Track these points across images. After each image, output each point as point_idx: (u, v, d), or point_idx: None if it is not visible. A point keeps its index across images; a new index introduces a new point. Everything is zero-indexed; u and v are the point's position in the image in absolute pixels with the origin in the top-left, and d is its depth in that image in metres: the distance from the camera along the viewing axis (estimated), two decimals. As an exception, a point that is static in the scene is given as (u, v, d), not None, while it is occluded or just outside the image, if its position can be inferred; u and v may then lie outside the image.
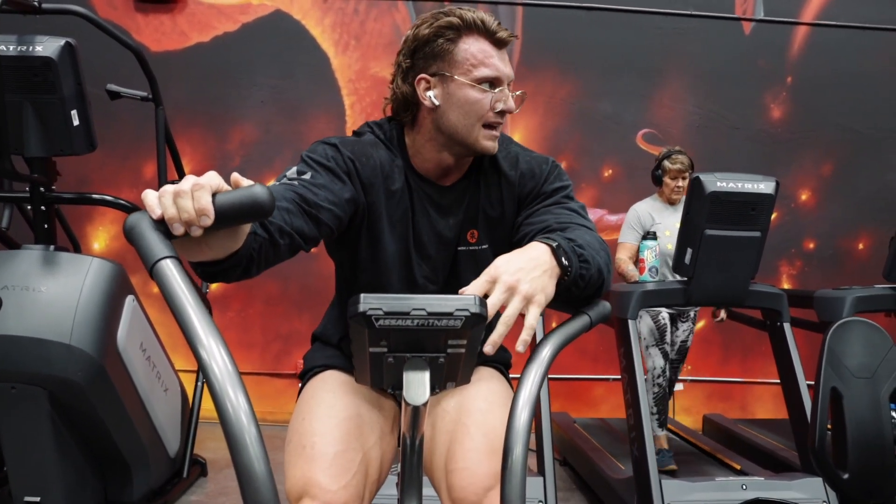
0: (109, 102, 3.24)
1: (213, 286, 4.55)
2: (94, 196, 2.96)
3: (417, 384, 0.94)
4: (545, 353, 1.10)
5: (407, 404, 0.95)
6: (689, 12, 5.04)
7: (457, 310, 0.89)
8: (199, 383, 3.76)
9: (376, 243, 1.55)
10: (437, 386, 0.99)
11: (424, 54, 1.53)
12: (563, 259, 1.25)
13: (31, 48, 2.57)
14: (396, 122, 1.62)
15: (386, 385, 0.98)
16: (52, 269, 2.68)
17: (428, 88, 1.54)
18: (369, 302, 0.89)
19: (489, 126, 1.53)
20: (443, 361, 0.94)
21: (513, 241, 1.59)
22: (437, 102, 1.53)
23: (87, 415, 2.73)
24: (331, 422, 1.50)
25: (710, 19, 5.07)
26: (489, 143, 1.54)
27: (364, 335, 0.91)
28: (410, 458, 1.04)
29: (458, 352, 0.93)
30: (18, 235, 3.18)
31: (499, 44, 1.52)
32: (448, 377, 0.98)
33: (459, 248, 1.59)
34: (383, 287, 1.55)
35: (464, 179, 1.63)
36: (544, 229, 1.46)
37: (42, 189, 2.78)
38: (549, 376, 3.47)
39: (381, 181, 1.53)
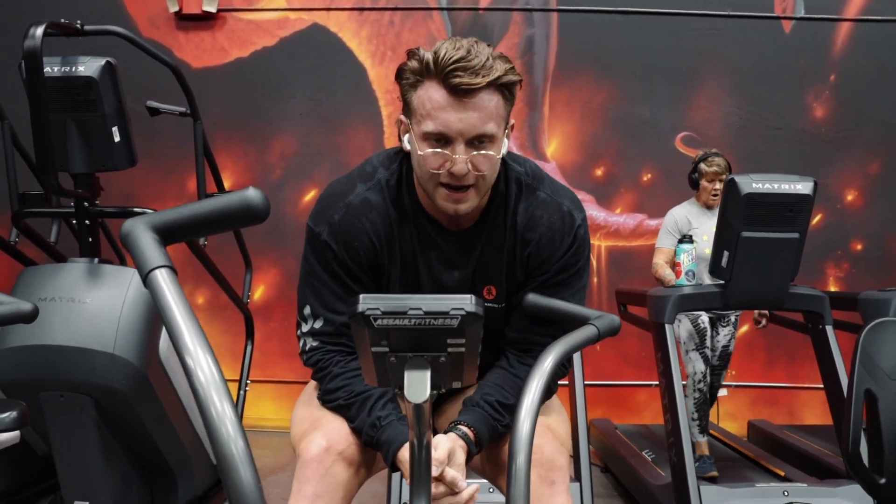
0: (154, 118, 3.34)
1: (256, 295, 4.64)
2: (135, 210, 3.04)
3: (417, 383, 0.96)
4: (547, 363, 1.10)
5: (409, 402, 0.97)
6: (726, 13, 4.97)
7: (453, 309, 0.90)
8: (242, 392, 3.83)
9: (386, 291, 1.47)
10: (443, 385, 1.00)
11: (401, 94, 1.37)
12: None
13: (73, 68, 2.66)
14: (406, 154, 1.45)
15: (392, 384, 1.00)
16: (96, 280, 2.76)
17: (406, 131, 1.38)
18: (367, 302, 0.91)
19: (446, 186, 1.32)
20: (444, 360, 0.96)
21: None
22: (407, 148, 1.38)
23: (132, 422, 2.80)
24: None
25: (749, 19, 4.99)
26: (448, 205, 1.34)
27: (365, 335, 0.93)
28: (418, 456, 1.06)
29: (459, 350, 0.94)
30: (65, 249, 3.29)
31: (458, 92, 1.25)
32: (452, 377, 1.00)
33: None
34: None
35: (476, 227, 1.45)
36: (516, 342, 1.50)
37: (86, 204, 2.87)
38: (591, 383, 3.45)
39: (383, 245, 1.43)
